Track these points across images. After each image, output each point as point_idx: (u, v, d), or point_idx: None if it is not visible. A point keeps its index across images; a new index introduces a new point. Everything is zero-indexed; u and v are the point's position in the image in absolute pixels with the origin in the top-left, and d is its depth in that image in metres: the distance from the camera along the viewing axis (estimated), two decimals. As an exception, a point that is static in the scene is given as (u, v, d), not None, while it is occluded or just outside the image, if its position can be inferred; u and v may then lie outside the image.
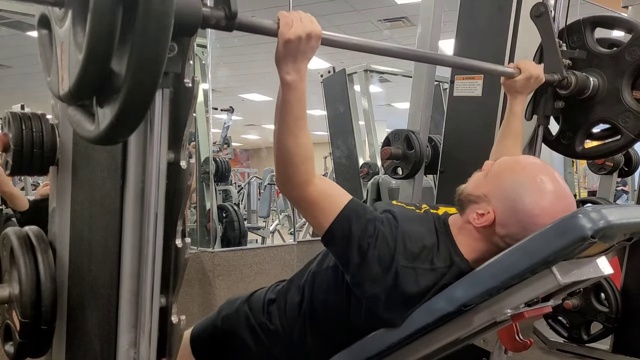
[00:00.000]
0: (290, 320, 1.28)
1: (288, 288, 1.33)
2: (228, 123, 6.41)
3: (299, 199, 1.16)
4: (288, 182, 1.14)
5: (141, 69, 0.62)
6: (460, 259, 1.15)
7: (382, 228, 1.14)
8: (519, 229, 1.11)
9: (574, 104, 1.77)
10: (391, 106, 11.26)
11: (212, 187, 3.77)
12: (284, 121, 1.09)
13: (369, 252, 1.12)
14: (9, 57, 7.65)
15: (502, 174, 1.16)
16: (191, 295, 3.26)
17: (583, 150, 1.87)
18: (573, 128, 1.83)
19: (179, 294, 0.89)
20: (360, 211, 1.16)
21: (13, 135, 1.08)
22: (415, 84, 2.48)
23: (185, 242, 0.87)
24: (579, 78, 1.70)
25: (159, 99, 0.81)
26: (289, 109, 1.07)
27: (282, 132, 1.09)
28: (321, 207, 1.15)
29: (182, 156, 0.85)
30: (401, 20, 6.65)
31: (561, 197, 1.12)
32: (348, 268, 1.15)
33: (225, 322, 1.37)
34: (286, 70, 1.03)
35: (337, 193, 1.18)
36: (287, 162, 1.11)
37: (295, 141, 1.09)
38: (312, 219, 1.18)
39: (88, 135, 0.73)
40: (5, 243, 1.09)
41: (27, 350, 1.07)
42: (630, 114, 1.70)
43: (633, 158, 3.84)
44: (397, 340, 1.14)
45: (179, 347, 0.91)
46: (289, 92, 1.06)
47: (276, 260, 3.65)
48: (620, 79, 1.70)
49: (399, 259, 1.11)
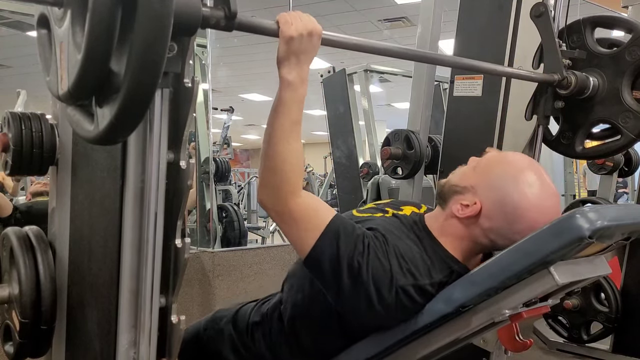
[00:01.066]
0: (276, 345, 1.23)
1: (272, 314, 1.26)
2: (228, 123, 6.41)
3: (282, 213, 1.08)
4: (274, 193, 1.07)
5: (140, 69, 0.62)
6: (458, 265, 1.14)
7: (372, 244, 1.08)
8: (504, 222, 1.10)
9: (573, 104, 1.77)
10: (391, 106, 11.27)
11: (212, 187, 3.77)
12: (280, 125, 1.04)
13: (361, 271, 1.05)
14: (9, 57, 7.66)
15: (492, 167, 1.16)
16: (191, 295, 3.26)
17: (583, 150, 1.86)
18: (573, 128, 1.83)
19: (179, 294, 0.89)
20: (349, 227, 1.09)
21: (13, 135, 1.08)
22: (415, 84, 2.48)
23: (185, 242, 0.87)
24: (579, 78, 1.70)
25: (158, 98, 0.80)
26: (287, 112, 1.03)
27: (276, 137, 1.04)
28: (306, 222, 1.08)
29: (182, 156, 0.85)
30: (401, 20, 6.65)
31: (548, 194, 1.12)
32: (338, 293, 1.07)
33: (210, 341, 1.32)
34: (288, 70, 1.01)
35: (323, 207, 1.12)
36: (276, 169, 1.05)
37: (289, 147, 1.04)
38: (295, 236, 1.09)
39: (87, 135, 0.73)
40: (5, 243, 1.09)
41: (27, 351, 1.07)
42: (630, 114, 1.70)
43: (633, 158, 3.84)
44: (396, 341, 1.14)
45: (179, 347, 0.91)
46: (289, 92, 1.02)
47: (276, 260, 3.65)
48: (620, 79, 1.70)
49: (397, 277, 1.06)
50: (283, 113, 1.04)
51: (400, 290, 1.06)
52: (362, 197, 4.12)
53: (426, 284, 1.09)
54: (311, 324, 1.19)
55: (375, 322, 1.13)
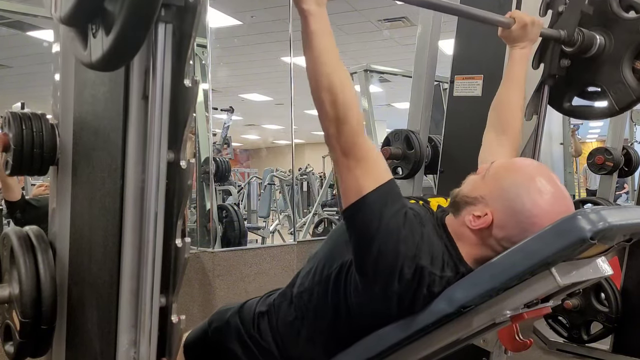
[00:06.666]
0: (284, 336, 1.23)
1: (280, 303, 1.27)
2: (228, 123, 6.42)
3: (352, 146, 1.09)
4: (343, 123, 1.07)
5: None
6: (466, 268, 1.14)
7: (411, 219, 1.10)
8: (517, 231, 1.10)
9: (574, 60, 1.74)
10: (391, 106, 11.26)
11: (212, 187, 3.77)
12: (322, 56, 1.06)
13: (397, 237, 1.07)
14: (9, 57, 7.65)
15: (500, 176, 1.15)
16: (191, 295, 3.26)
17: (569, 107, 1.86)
18: (566, 83, 1.80)
19: (179, 293, 0.89)
20: (400, 194, 1.13)
21: (13, 135, 1.09)
22: (415, 84, 2.48)
23: (185, 242, 0.86)
24: (586, 36, 1.66)
25: (162, 34, 0.78)
26: (322, 41, 1.05)
27: (324, 67, 1.06)
28: (367, 167, 1.09)
29: (182, 156, 0.85)
30: (401, 20, 6.65)
31: (560, 199, 1.12)
32: (366, 252, 1.08)
33: (216, 334, 1.33)
34: (308, 3, 1.03)
35: (384, 162, 1.15)
36: (338, 98, 1.06)
37: (341, 74, 1.07)
38: (352, 178, 1.10)
39: (85, 59, 0.71)
40: (5, 243, 1.09)
41: (27, 350, 1.07)
42: (622, 87, 1.66)
43: (633, 158, 3.84)
44: (398, 341, 1.13)
45: (179, 347, 0.91)
46: (315, 22, 1.04)
47: (276, 260, 3.65)
48: (626, 48, 1.66)
49: (421, 257, 1.08)
50: (319, 43, 1.05)
51: (419, 270, 1.07)
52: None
53: (437, 276, 1.09)
54: (322, 312, 1.19)
55: (379, 310, 1.12)
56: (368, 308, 1.14)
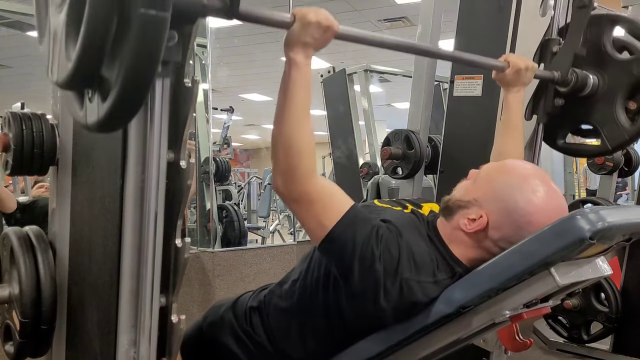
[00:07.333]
0: (275, 330, 1.24)
1: (270, 299, 1.28)
2: (228, 123, 6.41)
3: (299, 197, 1.08)
4: (290, 177, 1.06)
5: (137, 55, 0.59)
6: (463, 269, 1.14)
7: (385, 235, 1.09)
8: (513, 230, 1.10)
9: (568, 99, 1.76)
10: (391, 106, 11.27)
11: (212, 187, 3.77)
12: (290, 107, 1.04)
13: (374, 261, 1.06)
14: (9, 57, 7.66)
15: (492, 177, 1.15)
16: (191, 295, 3.26)
17: (563, 144, 1.87)
18: (560, 121, 1.82)
19: (178, 293, 0.89)
20: (366, 216, 1.12)
21: (13, 135, 1.09)
22: (415, 84, 2.48)
23: (185, 242, 0.87)
24: (580, 76, 1.68)
25: (159, 89, 0.79)
26: (296, 92, 1.04)
27: (288, 119, 1.05)
28: (324, 205, 1.08)
29: (182, 156, 0.85)
30: (401, 20, 6.65)
31: (554, 196, 1.12)
32: (348, 278, 1.09)
33: (210, 329, 1.34)
34: (296, 50, 1.02)
35: (340, 193, 1.12)
36: (291, 151, 1.05)
37: (301, 129, 1.05)
38: (312, 219, 1.09)
39: (83, 122, 0.71)
40: (5, 243, 1.10)
41: (27, 350, 1.07)
42: (616, 127, 1.69)
43: (633, 158, 3.84)
44: (397, 342, 1.13)
45: (179, 347, 0.91)
46: (297, 72, 1.03)
47: (276, 260, 3.65)
48: (619, 90, 1.68)
49: (402, 270, 1.07)
50: (293, 95, 1.04)
51: (404, 283, 1.07)
52: (362, 197, 4.12)
53: (429, 282, 1.09)
54: (311, 310, 1.20)
55: (374, 321, 1.13)
56: (364, 319, 1.14)
